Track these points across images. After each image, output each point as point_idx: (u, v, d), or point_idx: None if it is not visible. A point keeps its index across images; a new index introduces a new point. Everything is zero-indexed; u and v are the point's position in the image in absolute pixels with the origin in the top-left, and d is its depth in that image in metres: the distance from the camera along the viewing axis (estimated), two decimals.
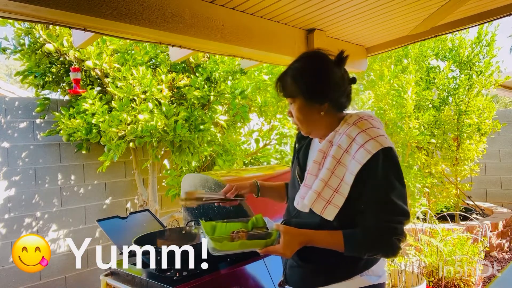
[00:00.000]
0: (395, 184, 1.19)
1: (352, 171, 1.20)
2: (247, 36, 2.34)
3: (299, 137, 1.52)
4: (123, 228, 2.07)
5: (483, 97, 4.96)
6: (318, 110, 1.30)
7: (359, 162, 1.18)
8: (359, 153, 1.19)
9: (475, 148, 4.94)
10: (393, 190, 1.19)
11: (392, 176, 1.20)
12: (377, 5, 2.32)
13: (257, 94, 4.20)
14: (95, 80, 3.78)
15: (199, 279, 1.61)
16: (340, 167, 1.24)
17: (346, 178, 1.22)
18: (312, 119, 1.32)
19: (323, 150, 1.30)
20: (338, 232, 1.22)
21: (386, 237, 1.18)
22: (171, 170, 3.91)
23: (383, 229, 1.18)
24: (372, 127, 1.25)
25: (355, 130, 1.25)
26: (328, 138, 1.31)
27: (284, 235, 1.22)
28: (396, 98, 4.73)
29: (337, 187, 1.23)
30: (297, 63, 1.34)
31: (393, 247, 1.19)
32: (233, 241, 1.30)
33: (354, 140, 1.23)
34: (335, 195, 1.23)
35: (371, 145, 1.19)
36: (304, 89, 1.29)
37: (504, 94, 11.53)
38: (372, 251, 1.21)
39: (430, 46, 5.16)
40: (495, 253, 4.82)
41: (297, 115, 1.32)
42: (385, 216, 1.18)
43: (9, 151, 3.52)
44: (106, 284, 1.81)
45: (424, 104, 5.03)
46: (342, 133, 1.27)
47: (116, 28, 1.87)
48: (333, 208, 1.23)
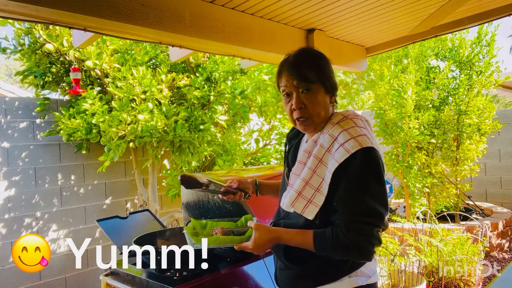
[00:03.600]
0: (370, 185, 1.16)
1: (330, 169, 1.20)
2: (247, 36, 2.34)
3: (289, 138, 1.52)
4: (123, 228, 2.07)
5: (483, 97, 4.96)
6: (330, 101, 1.31)
7: (337, 161, 1.18)
8: (338, 151, 1.18)
9: (475, 148, 4.93)
10: (367, 190, 1.16)
11: (370, 176, 1.17)
12: (377, 5, 2.32)
13: (257, 94, 4.20)
14: (95, 80, 3.78)
15: (199, 279, 1.61)
16: (322, 166, 1.23)
17: (326, 177, 1.21)
18: (325, 110, 1.29)
19: (308, 149, 1.29)
20: (309, 231, 1.22)
21: (353, 239, 1.15)
22: (171, 170, 3.92)
23: (350, 229, 1.15)
24: (355, 126, 1.23)
25: (338, 129, 1.23)
26: (313, 138, 1.30)
27: (254, 231, 1.25)
28: (396, 98, 4.73)
29: (318, 186, 1.23)
30: (308, 54, 1.33)
31: (360, 249, 1.15)
32: (211, 236, 1.35)
33: (336, 139, 1.21)
34: (316, 194, 1.22)
35: (351, 144, 1.17)
36: (324, 77, 1.27)
37: (504, 94, 11.54)
38: (339, 252, 1.18)
39: (430, 46, 5.16)
40: (495, 253, 4.82)
41: (314, 102, 1.26)
42: (354, 216, 1.16)
43: (9, 151, 3.52)
44: (106, 284, 1.81)
45: (424, 104, 5.03)
46: (325, 133, 1.26)
47: (116, 28, 1.87)
48: (313, 207, 1.23)
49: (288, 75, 1.27)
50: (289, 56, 1.32)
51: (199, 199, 2.19)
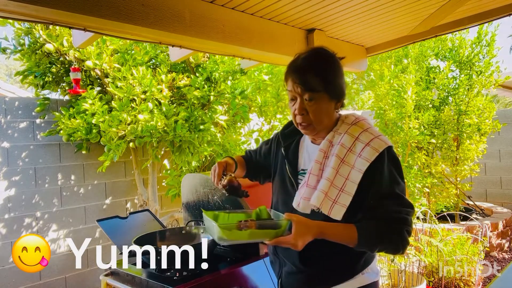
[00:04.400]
0: (399, 180, 1.22)
1: (360, 168, 1.20)
2: (247, 36, 2.34)
3: (285, 135, 1.47)
4: (123, 228, 2.07)
5: (483, 97, 4.95)
6: (335, 107, 1.30)
7: (367, 160, 1.19)
8: (366, 151, 1.20)
9: (475, 148, 4.93)
10: (398, 185, 1.21)
11: (395, 172, 1.23)
12: (377, 5, 2.32)
13: (257, 94, 4.20)
14: (95, 80, 3.78)
15: (199, 279, 1.61)
16: (344, 166, 1.23)
17: (353, 176, 1.21)
18: (328, 116, 1.29)
19: (324, 149, 1.29)
20: (350, 224, 1.20)
21: (398, 228, 1.17)
22: (171, 170, 3.91)
23: (395, 220, 1.18)
24: (371, 127, 1.28)
25: (357, 129, 1.26)
26: (328, 138, 1.30)
27: (297, 224, 1.16)
28: (396, 98, 4.73)
29: (342, 186, 1.22)
30: (317, 57, 1.29)
31: (403, 239, 1.18)
32: (241, 230, 1.20)
33: (358, 139, 1.24)
34: (340, 194, 1.22)
35: (377, 143, 1.21)
36: (329, 85, 1.25)
37: (504, 94, 11.53)
38: (384, 243, 1.19)
39: (430, 46, 5.16)
40: (495, 253, 4.82)
41: (317, 111, 1.26)
42: (395, 208, 1.18)
43: (9, 151, 3.52)
44: (106, 284, 1.81)
45: (424, 104, 5.03)
46: (342, 133, 1.27)
47: (116, 28, 1.87)
48: (339, 208, 1.22)
49: (294, 82, 1.26)
50: (298, 57, 1.29)
51: (199, 199, 2.19)
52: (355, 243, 1.18)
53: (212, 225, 1.25)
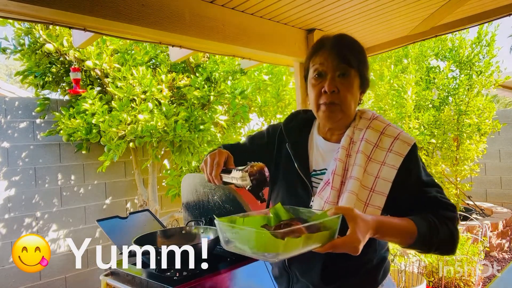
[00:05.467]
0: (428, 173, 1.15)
1: (394, 164, 1.08)
2: (247, 36, 2.34)
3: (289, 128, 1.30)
4: (123, 228, 2.07)
5: (483, 97, 4.96)
6: (359, 97, 1.18)
7: (400, 154, 1.09)
8: (397, 145, 1.10)
9: (475, 148, 4.93)
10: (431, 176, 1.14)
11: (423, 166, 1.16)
12: (377, 5, 2.32)
13: (257, 94, 4.20)
14: (95, 80, 3.78)
15: (199, 279, 1.61)
16: (372, 164, 1.10)
17: (385, 173, 1.08)
18: (354, 103, 1.16)
19: (346, 146, 1.15)
20: (406, 218, 1.03)
21: (451, 214, 1.05)
22: (171, 170, 3.92)
23: (446, 205, 1.06)
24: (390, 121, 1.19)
25: (380, 124, 1.15)
26: (348, 134, 1.16)
27: (356, 219, 0.89)
28: (396, 98, 4.73)
29: (372, 185, 1.08)
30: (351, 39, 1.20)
31: (457, 229, 1.06)
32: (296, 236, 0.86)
33: (383, 133, 1.13)
34: (372, 195, 1.08)
35: (406, 137, 1.12)
36: (363, 68, 1.15)
37: (504, 94, 11.54)
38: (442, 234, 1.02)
39: (430, 46, 5.16)
40: (495, 253, 4.82)
41: (349, 90, 1.12)
42: (441, 195, 1.08)
43: (9, 151, 3.52)
44: (106, 284, 1.81)
45: (424, 104, 5.03)
46: (364, 128, 1.15)
47: (116, 28, 1.87)
48: (373, 211, 1.06)
49: (329, 53, 1.13)
50: (327, 37, 1.20)
51: (199, 199, 2.19)
52: (413, 240, 1.00)
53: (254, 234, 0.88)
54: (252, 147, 1.35)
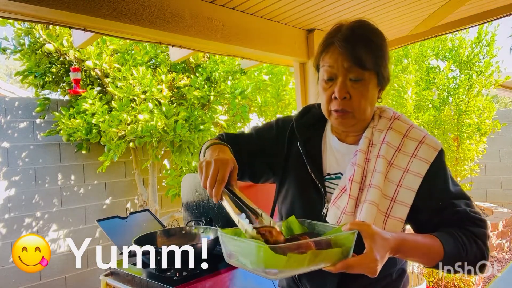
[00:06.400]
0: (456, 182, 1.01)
1: (419, 172, 0.97)
2: (247, 36, 2.34)
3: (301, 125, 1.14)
4: (123, 228, 2.07)
5: (483, 97, 4.96)
6: (377, 95, 1.04)
7: (426, 161, 0.97)
8: (423, 150, 0.98)
9: (475, 148, 4.93)
10: (459, 185, 1.01)
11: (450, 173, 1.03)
12: (377, 5, 2.32)
13: (257, 94, 4.20)
14: (95, 80, 3.78)
15: (199, 279, 1.61)
16: (393, 170, 0.98)
17: (408, 182, 0.97)
18: (371, 106, 1.02)
19: (364, 149, 1.02)
20: (428, 234, 0.93)
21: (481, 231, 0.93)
22: (171, 170, 3.92)
23: (476, 221, 0.94)
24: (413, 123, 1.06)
25: (402, 125, 1.03)
26: (366, 135, 1.03)
27: (373, 237, 0.80)
28: (396, 98, 4.73)
29: (393, 195, 0.97)
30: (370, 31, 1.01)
31: (487, 246, 0.94)
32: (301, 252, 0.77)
33: (407, 136, 1.01)
34: (393, 206, 0.96)
35: (432, 141, 1.00)
36: (381, 66, 1.00)
37: (504, 94, 11.54)
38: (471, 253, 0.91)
39: (430, 46, 5.16)
40: (495, 253, 4.82)
41: (363, 95, 0.98)
42: (470, 208, 0.96)
43: (9, 151, 3.52)
44: (106, 284, 1.81)
45: (424, 104, 5.03)
46: (384, 130, 1.03)
47: (116, 28, 1.87)
48: (395, 223, 0.95)
49: (340, 52, 0.96)
50: (341, 25, 1.00)
51: (199, 199, 2.19)
52: (439, 259, 0.89)
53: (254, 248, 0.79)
54: (260, 141, 1.17)
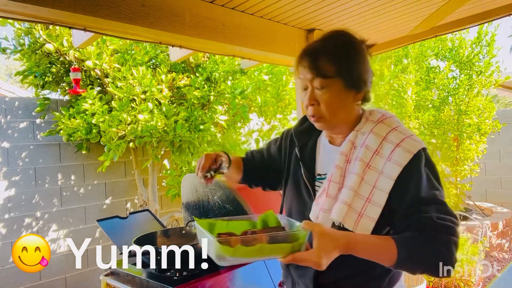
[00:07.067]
0: (437, 186, 1.02)
1: (391, 174, 1.01)
2: (247, 36, 2.34)
3: (299, 132, 1.26)
4: (123, 228, 2.07)
5: (483, 97, 4.96)
6: (354, 99, 1.09)
7: (399, 164, 1.01)
8: (397, 153, 1.02)
9: (475, 148, 4.94)
10: (438, 190, 1.01)
11: (433, 177, 1.03)
12: (377, 5, 2.32)
13: (257, 94, 4.21)
14: (95, 80, 3.78)
15: (199, 279, 1.61)
16: (370, 172, 1.04)
17: (382, 184, 1.02)
18: (345, 108, 1.09)
19: (345, 152, 1.09)
20: (386, 237, 0.98)
21: (445, 238, 0.94)
22: (171, 170, 3.92)
23: (441, 228, 0.95)
24: (400, 125, 1.09)
25: (385, 128, 1.07)
26: (349, 138, 1.10)
27: (321, 236, 0.91)
28: (396, 98, 4.73)
29: (369, 195, 1.03)
30: (334, 39, 1.10)
31: (452, 254, 0.94)
32: (249, 245, 0.93)
33: (386, 139, 1.05)
34: (367, 206, 1.02)
35: (410, 144, 1.02)
36: (346, 71, 1.05)
37: (504, 94, 11.54)
38: (430, 259, 0.95)
39: (430, 46, 5.16)
40: (495, 253, 4.82)
41: (329, 101, 1.06)
42: (439, 215, 0.97)
43: (9, 151, 3.52)
44: (106, 284, 1.81)
45: (424, 104, 5.03)
46: (366, 133, 1.08)
47: (116, 28, 1.87)
48: (367, 222, 1.02)
49: (303, 67, 1.07)
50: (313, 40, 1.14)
51: (199, 199, 2.19)
52: (393, 261, 0.94)
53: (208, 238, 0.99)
54: (269, 151, 1.38)
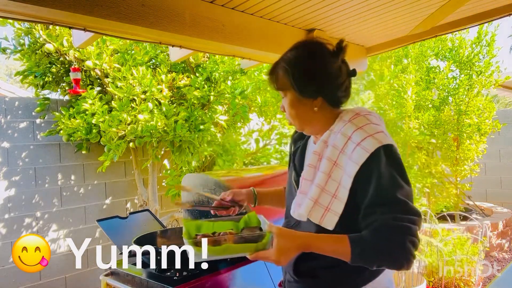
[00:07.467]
0: (401, 183, 1.05)
1: (349, 172, 1.08)
2: (247, 36, 2.34)
3: (295, 139, 1.41)
4: (123, 228, 2.07)
5: (483, 97, 4.96)
6: (311, 105, 1.18)
7: (357, 163, 1.06)
8: (356, 152, 1.07)
9: (475, 148, 4.94)
10: (400, 188, 1.05)
11: (396, 174, 1.06)
12: (377, 5, 2.32)
13: (257, 94, 4.20)
14: (95, 80, 3.78)
15: (199, 279, 1.61)
16: (337, 169, 1.11)
17: (344, 181, 1.10)
18: (304, 115, 1.20)
19: (318, 151, 1.17)
20: (343, 236, 1.05)
21: (399, 239, 1.00)
22: (171, 170, 3.92)
23: (395, 228, 1.01)
24: (369, 123, 1.12)
25: (351, 127, 1.12)
26: (323, 138, 1.18)
27: (278, 237, 1.04)
28: (396, 98, 4.73)
29: (335, 191, 1.11)
30: (289, 53, 1.22)
31: (407, 252, 1.00)
32: (217, 244, 1.09)
33: (350, 138, 1.10)
34: (333, 201, 1.11)
35: (369, 142, 1.06)
36: (295, 83, 1.16)
37: (504, 94, 11.54)
38: (382, 257, 1.03)
39: (430, 46, 5.16)
40: (495, 253, 4.82)
41: (288, 110, 1.21)
42: (395, 215, 1.02)
43: (9, 151, 3.52)
44: (106, 284, 1.81)
45: (424, 104, 5.03)
46: (337, 132, 1.15)
47: (116, 28, 1.87)
48: (332, 216, 1.10)
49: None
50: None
51: (199, 199, 2.19)
52: (348, 257, 1.03)
53: (184, 240, 1.14)
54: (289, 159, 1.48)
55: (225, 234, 1.18)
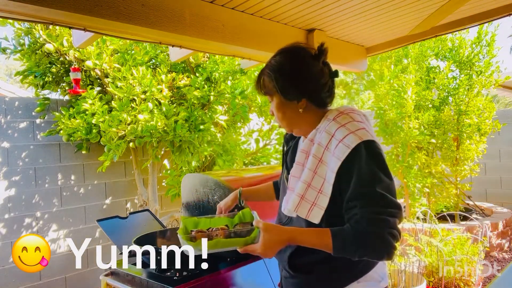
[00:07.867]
0: (381, 177, 1.10)
1: (333, 168, 1.14)
2: (247, 36, 2.34)
3: (287, 139, 1.48)
4: (123, 228, 2.07)
5: (483, 97, 4.96)
6: (296, 107, 1.25)
7: (339, 158, 1.12)
8: (338, 148, 1.13)
9: (475, 148, 4.93)
10: (380, 182, 1.09)
11: (377, 168, 1.11)
12: (377, 5, 2.32)
13: (257, 94, 4.20)
14: (95, 80, 3.78)
15: (199, 279, 1.61)
16: (322, 166, 1.18)
17: (328, 177, 1.16)
18: (291, 117, 1.27)
19: (305, 149, 1.25)
20: (326, 229, 1.12)
21: (378, 231, 1.06)
22: (171, 170, 3.92)
23: (374, 221, 1.06)
24: (352, 121, 1.18)
25: (334, 125, 1.18)
26: (310, 137, 1.25)
27: (263, 232, 1.12)
28: (396, 98, 4.73)
29: (320, 187, 1.17)
30: (273, 59, 1.30)
31: (387, 244, 1.06)
32: (209, 239, 1.20)
33: (334, 136, 1.16)
34: (319, 196, 1.17)
35: (350, 139, 1.12)
36: (279, 87, 1.24)
37: (504, 94, 11.54)
38: (363, 249, 1.08)
39: (430, 46, 5.16)
40: (495, 253, 4.82)
41: (276, 113, 1.29)
42: (375, 208, 1.07)
43: (9, 151, 3.52)
44: (106, 284, 1.81)
45: (424, 104, 5.03)
46: (322, 130, 1.21)
47: (116, 28, 1.87)
48: (318, 210, 1.17)
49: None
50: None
51: (199, 199, 2.19)
52: (330, 250, 1.09)
53: (178, 235, 1.24)
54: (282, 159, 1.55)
55: (217, 230, 1.27)
